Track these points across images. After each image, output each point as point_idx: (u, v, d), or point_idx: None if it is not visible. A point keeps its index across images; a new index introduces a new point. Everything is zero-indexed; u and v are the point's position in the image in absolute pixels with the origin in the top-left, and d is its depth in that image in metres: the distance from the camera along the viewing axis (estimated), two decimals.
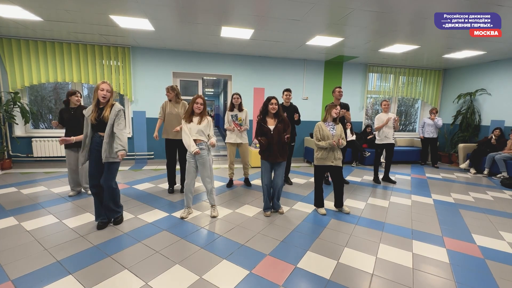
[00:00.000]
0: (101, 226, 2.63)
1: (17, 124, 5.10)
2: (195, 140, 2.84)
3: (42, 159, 5.37)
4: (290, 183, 4.45)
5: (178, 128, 3.47)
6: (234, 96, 4.01)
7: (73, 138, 2.57)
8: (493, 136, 5.48)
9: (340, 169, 3.16)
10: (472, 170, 5.59)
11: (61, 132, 5.61)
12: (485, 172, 5.36)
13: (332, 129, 3.14)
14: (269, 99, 3.02)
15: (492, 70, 6.04)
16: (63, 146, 4.93)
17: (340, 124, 3.23)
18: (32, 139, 5.19)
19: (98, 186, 2.58)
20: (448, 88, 7.13)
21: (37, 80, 5.06)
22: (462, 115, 6.46)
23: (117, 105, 2.52)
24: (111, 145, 2.48)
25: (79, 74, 5.24)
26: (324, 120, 3.22)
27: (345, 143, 3.11)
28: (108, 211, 2.66)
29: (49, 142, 5.26)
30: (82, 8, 3.52)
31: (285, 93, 4.14)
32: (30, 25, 4.25)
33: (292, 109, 4.19)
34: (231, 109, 4.06)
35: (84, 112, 2.51)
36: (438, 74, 7.15)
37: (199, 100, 2.83)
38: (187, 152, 2.89)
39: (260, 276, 1.95)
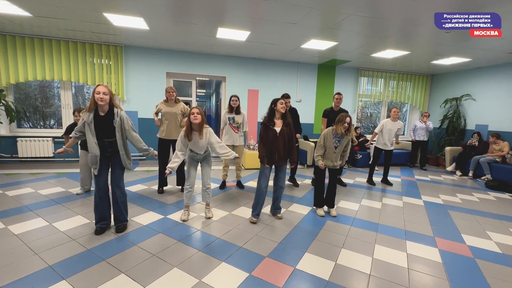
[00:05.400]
0: (99, 231, 2.52)
1: (1, 123, 4.88)
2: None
3: (28, 159, 5.17)
4: (297, 185, 4.46)
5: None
6: (233, 98, 3.92)
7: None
8: (475, 140, 5.75)
9: (337, 170, 3.20)
10: (458, 172, 5.79)
11: (48, 132, 5.42)
12: (470, 174, 5.57)
13: (337, 142, 3.07)
14: (276, 99, 2.94)
15: (476, 77, 6.30)
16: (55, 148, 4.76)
17: (348, 137, 3.06)
18: (18, 138, 4.99)
19: (106, 188, 2.56)
20: (435, 93, 7.38)
21: (24, 78, 4.87)
22: (448, 119, 6.70)
23: (122, 113, 2.50)
24: (128, 153, 2.66)
25: (69, 72, 5.08)
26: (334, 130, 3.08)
27: (338, 166, 3.10)
28: (120, 213, 2.62)
29: (35, 142, 5.06)
30: (74, 5, 3.43)
31: (284, 100, 4.09)
32: (18, 21, 4.10)
33: (292, 112, 4.18)
34: (230, 112, 4.01)
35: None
36: (426, 79, 7.39)
37: (195, 110, 2.67)
38: (189, 152, 2.87)
39: (260, 279, 1.94)
